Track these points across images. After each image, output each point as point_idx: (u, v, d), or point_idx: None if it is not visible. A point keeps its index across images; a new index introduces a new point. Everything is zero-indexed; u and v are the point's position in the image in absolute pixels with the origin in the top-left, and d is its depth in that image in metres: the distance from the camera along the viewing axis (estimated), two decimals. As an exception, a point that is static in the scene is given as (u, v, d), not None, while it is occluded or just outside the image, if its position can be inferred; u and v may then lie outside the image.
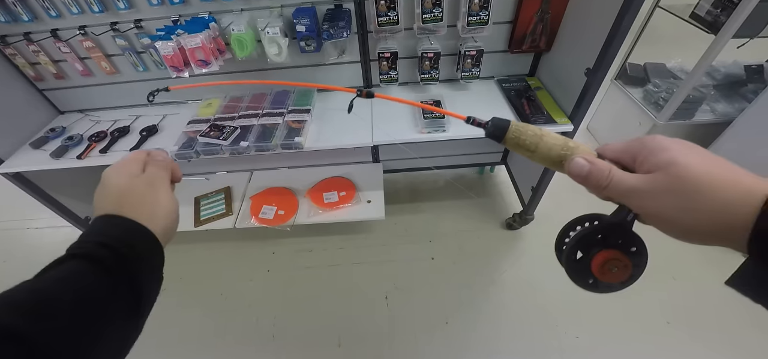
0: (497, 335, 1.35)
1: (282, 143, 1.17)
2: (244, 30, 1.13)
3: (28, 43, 1.20)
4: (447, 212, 1.80)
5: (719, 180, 0.26)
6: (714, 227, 0.27)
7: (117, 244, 0.33)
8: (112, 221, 0.36)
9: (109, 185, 0.39)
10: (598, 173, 0.32)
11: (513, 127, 0.36)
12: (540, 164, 0.36)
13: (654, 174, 0.29)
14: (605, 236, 0.34)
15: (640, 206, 0.30)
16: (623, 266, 0.34)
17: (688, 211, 0.27)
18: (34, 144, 1.29)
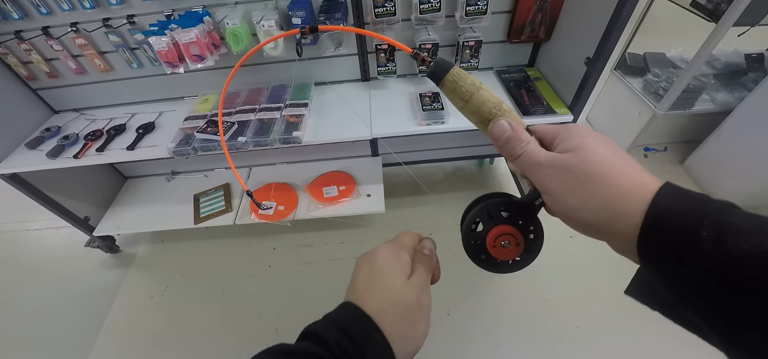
0: (498, 326, 1.36)
1: (280, 137, 1.16)
2: (239, 23, 1.11)
3: (19, 41, 1.18)
4: (447, 205, 1.79)
5: (617, 170, 0.27)
6: (602, 215, 0.27)
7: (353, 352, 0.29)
8: (366, 328, 0.30)
9: (379, 273, 0.34)
10: (516, 141, 0.32)
11: (454, 71, 0.35)
12: (470, 119, 0.35)
13: (562, 154, 0.29)
14: (509, 213, 0.34)
15: (541, 181, 0.30)
16: (515, 244, 0.34)
17: (580, 192, 0.27)
18: (30, 144, 1.28)
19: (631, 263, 0.34)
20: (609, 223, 0.26)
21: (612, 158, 0.27)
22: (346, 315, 0.32)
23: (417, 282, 0.34)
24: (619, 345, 1.27)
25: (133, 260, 1.75)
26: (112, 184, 1.75)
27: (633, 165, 0.27)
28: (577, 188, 0.28)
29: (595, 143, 0.28)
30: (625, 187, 0.26)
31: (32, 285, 1.69)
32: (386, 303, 0.32)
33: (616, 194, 0.26)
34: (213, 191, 1.67)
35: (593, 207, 0.27)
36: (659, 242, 0.24)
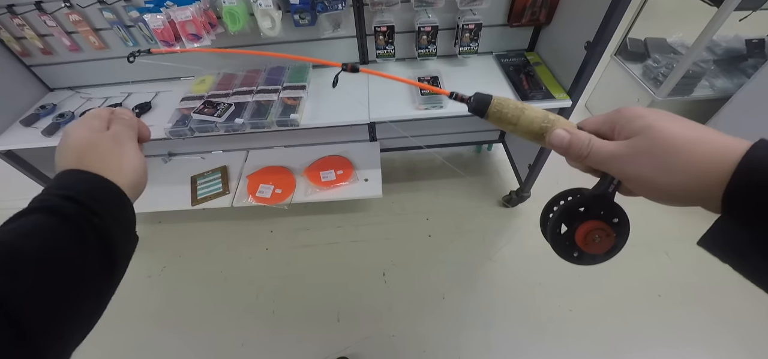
0: (493, 309, 1.38)
1: (277, 120, 1.15)
2: (236, 2, 1.09)
3: (12, 16, 1.16)
4: (444, 190, 1.80)
5: (695, 140, 0.27)
6: (691, 186, 0.27)
7: (83, 197, 0.31)
8: (76, 175, 0.33)
9: (70, 140, 0.36)
10: (578, 143, 0.32)
11: (495, 101, 0.36)
12: (522, 137, 0.37)
13: (632, 139, 0.30)
14: (588, 208, 0.35)
15: (619, 171, 0.31)
16: (606, 235, 0.35)
17: (666, 171, 0.28)
18: (25, 122, 1.27)
19: (623, 250, 0.35)
20: (696, 195, 0.27)
21: (684, 130, 0.28)
22: (53, 182, 0.33)
23: (110, 131, 0.38)
24: (611, 328, 1.30)
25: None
26: (108, 165, 1.74)
27: (706, 131, 0.28)
28: (661, 166, 0.28)
29: (659, 121, 0.29)
30: (706, 155, 0.26)
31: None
32: (83, 151, 0.35)
33: (699, 165, 0.26)
34: (210, 173, 1.67)
35: (682, 178, 0.27)
36: (753, 190, 0.24)
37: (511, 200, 1.65)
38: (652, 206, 0.32)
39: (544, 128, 0.35)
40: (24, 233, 0.28)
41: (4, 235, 0.28)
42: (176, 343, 1.38)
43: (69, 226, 0.29)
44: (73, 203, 0.30)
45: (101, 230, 0.31)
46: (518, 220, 1.65)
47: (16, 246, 0.27)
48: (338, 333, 1.36)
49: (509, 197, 1.66)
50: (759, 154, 0.25)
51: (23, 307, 0.25)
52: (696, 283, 1.37)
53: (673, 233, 1.51)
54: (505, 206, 1.69)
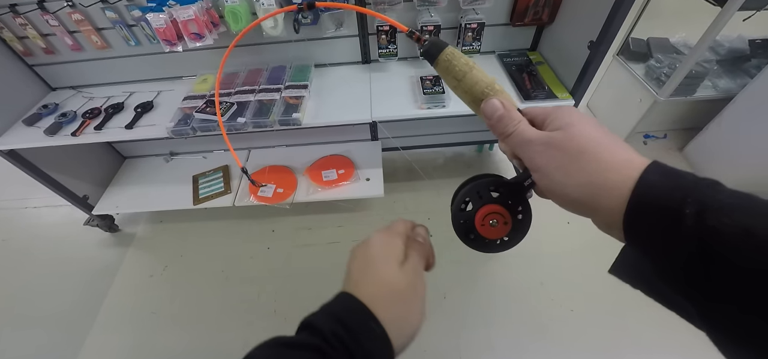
0: (494, 309, 1.38)
1: (280, 119, 1.15)
2: (239, 2, 1.09)
3: (15, 15, 1.16)
4: (446, 190, 1.79)
5: (604, 147, 0.27)
6: (588, 191, 0.27)
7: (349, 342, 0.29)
8: (363, 319, 0.31)
9: (373, 263, 0.35)
10: (507, 119, 0.32)
11: (448, 50, 0.35)
12: (462, 99, 0.36)
13: (551, 132, 0.30)
14: (499, 193, 0.35)
15: (530, 159, 0.31)
16: (503, 223, 0.35)
17: (566, 169, 0.28)
18: (27, 121, 1.27)
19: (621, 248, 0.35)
20: (595, 199, 0.27)
21: (600, 136, 0.28)
22: (341, 304, 0.32)
23: (410, 268, 0.35)
24: (612, 328, 1.30)
25: (133, 239, 1.76)
26: (110, 163, 1.74)
27: (620, 143, 0.28)
28: (564, 164, 0.28)
29: (583, 122, 0.29)
30: (611, 163, 0.26)
31: (31, 263, 1.70)
32: (379, 289, 0.33)
33: (603, 170, 0.26)
34: (212, 173, 1.67)
35: (580, 182, 0.27)
36: (644, 219, 0.24)
37: (512, 199, 1.64)
38: None
39: (485, 94, 0.34)
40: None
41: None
42: (177, 343, 1.38)
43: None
44: None
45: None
46: (520, 220, 1.64)
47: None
48: (340, 333, 1.35)
49: (511, 196, 1.65)
50: (651, 178, 0.25)
51: None
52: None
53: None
54: (507, 206, 1.69)
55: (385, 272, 0.34)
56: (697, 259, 0.22)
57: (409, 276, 0.34)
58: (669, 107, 1.77)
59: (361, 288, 0.33)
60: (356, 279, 0.34)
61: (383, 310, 0.31)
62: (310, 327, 0.31)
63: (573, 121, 0.29)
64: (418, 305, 0.34)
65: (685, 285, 0.23)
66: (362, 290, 0.33)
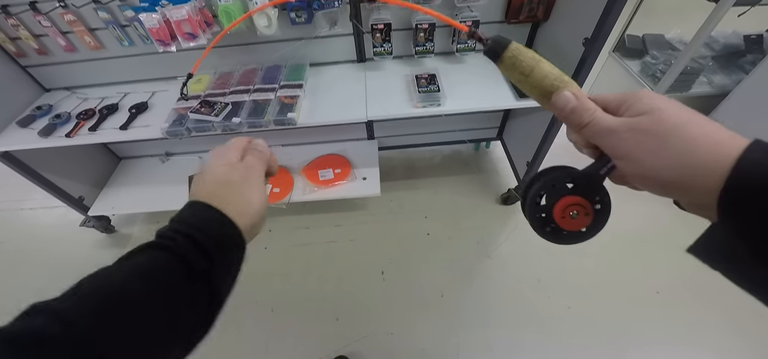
0: (491, 307, 1.38)
1: (275, 118, 1.15)
2: (232, 1, 1.09)
3: (6, 16, 1.15)
4: (442, 188, 1.80)
5: (696, 126, 0.27)
6: (684, 172, 0.26)
7: (207, 243, 0.33)
8: (205, 212, 0.35)
9: (208, 173, 0.39)
10: (582, 110, 0.32)
11: (512, 47, 0.35)
12: (530, 93, 0.36)
13: (635, 118, 0.29)
14: (575, 184, 0.34)
15: (614, 146, 0.30)
16: (585, 214, 0.34)
17: (658, 152, 0.27)
18: (21, 123, 1.26)
19: (621, 246, 0.35)
20: (691, 178, 0.26)
21: (690, 116, 0.27)
22: (184, 213, 0.36)
23: (241, 165, 0.40)
24: (609, 325, 1.31)
25: (129, 240, 1.75)
26: (106, 164, 1.74)
27: (712, 122, 0.27)
28: (655, 148, 0.27)
29: (666, 104, 0.28)
30: (706, 141, 0.26)
31: (27, 264, 1.69)
32: (212, 186, 0.38)
33: (698, 148, 0.26)
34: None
35: (674, 164, 0.27)
36: (748, 196, 0.23)
37: (509, 197, 1.65)
38: (651, 201, 0.31)
39: (555, 87, 0.34)
40: (138, 273, 0.30)
41: (117, 274, 0.30)
42: (175, 343, 1.38)
43: (185, 274, 0.31)
44: (196, 249, 0.32)
45: (212, 282, 0.33)
46: (517, 217, 1.65)
47: (122, 287, 0.29)
48: (337, 332, 1.36)
49: (507, 194, 1.65)
50: (755, 156, 0.24)
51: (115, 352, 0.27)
52: (695, 281, 1.37)
53: (672, 229, 1.51)
54: (504, 204, 1.69)
55: (216, 172, 0.39)
56: None
57: (240, 170, 0.40)
58: (665, 103, 1.77)
59: (199, 191, 0.38)
60: (194, 190, 0.39)
61: (218, 200, 0.36)
62: (161, 233, 0.34)
63: (657, 105, 0.28)
64: (254, 192, 0.39)
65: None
66: (199, 193, 0.37)
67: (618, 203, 0.34)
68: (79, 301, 0.28)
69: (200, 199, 0.36)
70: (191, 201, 0.37)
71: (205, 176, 0.39)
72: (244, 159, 0.41)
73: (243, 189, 0.39)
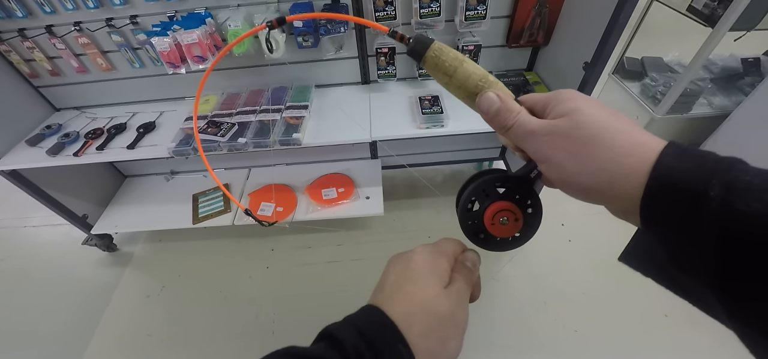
0: (496, 329, 1.36)
1: (280, 139, 1.16)
2: (241, 25, 1.12)
3: (23, 39, 1.19)
4: (445, 208, 1.80)
5: (615, 130, 0.26)
6: (602, 178, 0.25)
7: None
8: (395, 342, 0.27)
9: (414, 278, 0.31)
10: (506, 112, 0.30)
11: (435, 46, 0.33)
12: (455, 95, 0.34)
13: (556, 120, 0.28)
14: (506, 188, 0.34)
15: (536, 150, 0.29)
16: (514, 220, 0.33)
17: (579, 157, 0.26)
18: (30, 141, 1.28)
19: (628, 269, 0.34)
20: (610, 185, 0.25)
21: (609, 119, 0.26)
22: (369, 317, 0.29)
23: (454, 293, 0.31)
24: (616, 349, 1.28)
25: (131, 259, 1.75)
26: (111, 182, 1.75)
27: (631, 125, 0.26)
28: (575, 153, 0.26)
29: (589, 106, 0.27)
30: (625, 147, 0.25)
31: (29, 282, 1.68)
32: (416, 309, 0.29)
33: (617, 155, 0.25)
34: (212, 192, 1.67)
35: (593, 170, 0.26)
36: (663, 202, 0.23)
37: (512, 217, 1.64)
38: None
39: (479, 87, 0.32)
40: None
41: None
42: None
43: None
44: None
45: None
46: (520, 238, 1.64)
47: None
48: (339, 355, 1.33)
49: (511, 214, 1.65)
50: (668, 161, 0.23)
51: None
52: (702, 302, 1.35)
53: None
54: (507, 224, 1.69)
55: (425, 291, 0.30)
56: (721, 244, 0.20)
57: (451, 302, 0.30)
58: (666, 124, 1.79)
59: (395, 304, 0.29)
60: (390, 292, 0.31)
61: (415, 334, 0.28)
62: (330, 338, 0.28)
63: (577, 106, 0.27)
64: (455, 336, 0.30)
65: (707, 275, 0.21)
66: (395, 306, 0.29)
67: (625, 225, 0.34)
68: None
69: (394, 319, 0.28)
70: (382, 316, 0.28)
71: (409, 283, 0.31)
72: (453, 280, 0.32)
73: (445, 334, 0.29)
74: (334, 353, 0.26)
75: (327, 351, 0.27)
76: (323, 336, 0.29)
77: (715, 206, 0.20)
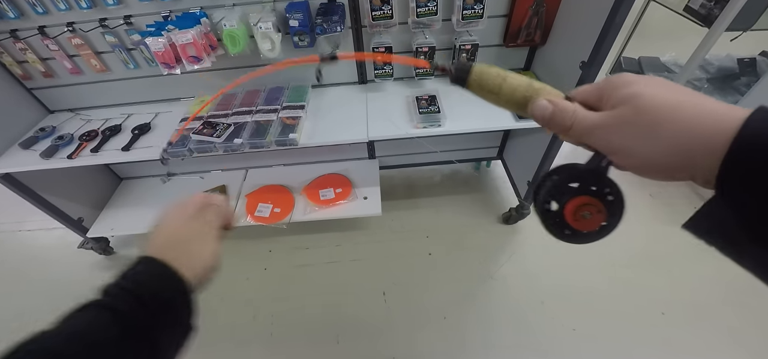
0: (495, 328, 1.36)
1: (276, 139, 1.16)
2: (237, 25, 1.11)
3: (15, 41, 1.17)
4: (444, 208, 1.79)
5: (685, 106, 0.25)
6: (676, 155, 0.25)
7: (150, 300, 0.34)
8: (154, 267, 0.37)
9: (164, 226, 0.42)
10: (561, 114, 0.31)
11: (476, 69, 0.35)
12: (505, 108, 0.36)
13: (617, 109, 0.28)
14: (580, 183, 0.33)
15: (604, 141, 0.29)
16: (597, 211, 0.33)
17: (650, 139, 0.26)
18: (24, 144, 1.27)
19: (626, 267, 0.34)
20: (691, 159, 0.24)
21: (675, 96, 0.26)
22: (131, 270, 0.37)
23: (196, 220, 0.43)
24: (614, 347, 1.28)
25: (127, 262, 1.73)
26: (106, 185, 1.74)
27: (699, 97, 0.25)
28: (641, 136, 0.26)
29: (648, 88, 0.27)
30: (706, 116, 0.24)
31: (24, 286, 1.67)
32: (168, 241, 0.40)
33: (695, 127, 0.24)
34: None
35: (669, 151, 0.25)
36: (744, 167, 0.22)
37: (510, 217, 1.64)
38: (650, 222, 0.30)
39: (527, 97, 0.33)
40: (78, 336, 0.31)
41: (56, 337, 0.30)
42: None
43: (121, 327, 0.32)
44: (136, 302, 0.33)
45: (152, 335, 0.34)
46: (518, 237, 1.64)
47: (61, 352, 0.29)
48: (338, 355, 1.32)
49: (509, 214, 1.65)
50: (757, 125, 0.22)
51: None
52: (700, 301, 1.35)
53: (676, 249, 1.50)
54: (505, 224, 1.69)
55: (171, 227, 0.42)
56: None
57: (195, 226, 0.42)
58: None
59: (152, 245, 0.39)
60: (149, 243, 0.40)
61: (171, 254, 0.38)
62: (103, 290, 0.35)
63: (637, 91, 0.27)
64: (207, 246, 0.42)
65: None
66: (152, 246, 0.39)
67: (622, 223, 0.33)
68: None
69: (151, 254, 0.38)
70: (142, 257, 0.38)
71: (161, 231, 0.41)
72: (201, 214, 0.44)
73: (195, 244, 0.41)
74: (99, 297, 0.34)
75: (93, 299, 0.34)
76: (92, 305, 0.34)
77: None
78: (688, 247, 1.50)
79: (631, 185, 1.74)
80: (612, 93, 0.28)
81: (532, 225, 1.65)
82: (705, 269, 1.42)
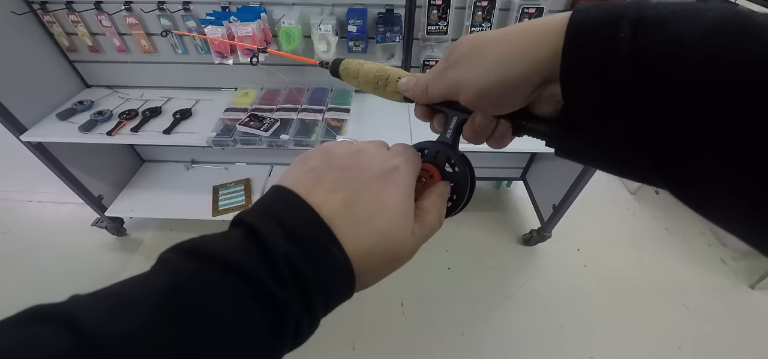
0: (512, 350, 1.37)
1: (322, 139, 1.17)
2: (295, 24, 1.13)
3: (69, 12, 1.17)
4: (464, 222, 1.82)
5: (513, 29, 0.24)
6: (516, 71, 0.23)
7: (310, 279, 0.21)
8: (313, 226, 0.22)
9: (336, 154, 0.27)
10: (421, 82, 0.31)
11: (344, 62, 0.40)
12: (365, 89, 0.39)
13: (454, 54, 0.28)
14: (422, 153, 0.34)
15: (445, 82, 0.28)
16: (429, 176, 0.33)
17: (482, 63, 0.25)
18: (61, 115, 1.25)
19: (645, 299, 0.34)
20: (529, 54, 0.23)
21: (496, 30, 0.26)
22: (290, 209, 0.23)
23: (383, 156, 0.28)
24: (630, 377, 1.30)
25: (140, 245, 1.71)
26: (129, 165, 1.71)
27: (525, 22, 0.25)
28: (476, 61, 0.25)
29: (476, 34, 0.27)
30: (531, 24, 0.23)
31: (30, 261, 1.62)
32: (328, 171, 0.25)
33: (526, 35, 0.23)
34: (233, 185, 1.65)
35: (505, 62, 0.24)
36: (579, 60, 0.20)
37: (531, 238, 1.67)
38: (666, 256, 0.30)
39: (378, 78, 0.36)
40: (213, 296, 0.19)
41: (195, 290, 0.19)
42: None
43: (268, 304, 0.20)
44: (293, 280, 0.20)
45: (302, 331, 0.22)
46: (538, 259, 1.66)
47: None
48: (356, 361, 1.32)
49: (529, 235, 1.68)
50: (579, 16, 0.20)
51: None
52: (714, 338, 1.39)
53: (690, 284, 1.54)
54: (525, 245, 1.71)
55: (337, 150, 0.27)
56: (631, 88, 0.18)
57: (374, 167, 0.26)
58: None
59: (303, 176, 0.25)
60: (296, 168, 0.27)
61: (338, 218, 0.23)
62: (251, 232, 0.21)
63: (470, 36, 0.27)
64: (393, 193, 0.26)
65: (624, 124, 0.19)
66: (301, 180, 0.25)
67: (639, 255, 0.35)
68: None
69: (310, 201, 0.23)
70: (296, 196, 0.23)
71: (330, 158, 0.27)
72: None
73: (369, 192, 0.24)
74: (260, 264, 0.20)
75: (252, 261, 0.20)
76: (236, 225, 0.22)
77: (625, 49, 0.18)
78: (701, 282, 1.55)
79: (650, 218, 1.78)
80: (452, 52, 0.28)
81: (552, 249, 1.68)
82: (718, 304, 1.46)
